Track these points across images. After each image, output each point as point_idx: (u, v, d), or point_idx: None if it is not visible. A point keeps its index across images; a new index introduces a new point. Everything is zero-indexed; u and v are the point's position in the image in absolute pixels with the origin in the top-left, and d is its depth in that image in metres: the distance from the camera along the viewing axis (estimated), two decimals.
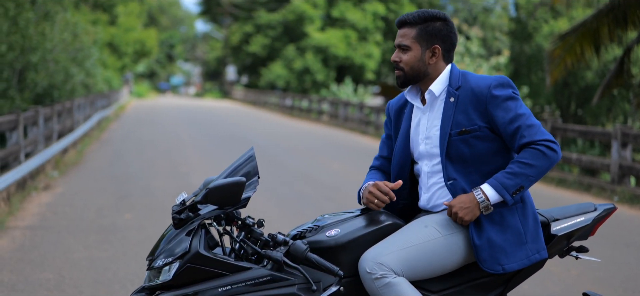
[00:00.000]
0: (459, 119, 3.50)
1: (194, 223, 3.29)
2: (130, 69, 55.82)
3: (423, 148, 3.61)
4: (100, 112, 28.88)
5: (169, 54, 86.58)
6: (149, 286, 3.29)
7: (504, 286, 3.58)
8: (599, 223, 3.77)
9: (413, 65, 3.56)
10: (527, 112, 3.44)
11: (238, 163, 3.47)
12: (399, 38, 3.59)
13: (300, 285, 3.31)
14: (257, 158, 3.64)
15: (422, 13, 3.55)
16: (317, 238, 3.42)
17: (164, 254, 3.26)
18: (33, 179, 12.36)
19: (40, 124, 14.59)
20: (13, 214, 9.72)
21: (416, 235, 3.45)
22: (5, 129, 12.17)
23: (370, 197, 3.55)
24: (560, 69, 17.44)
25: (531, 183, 3.39)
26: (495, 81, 3.48)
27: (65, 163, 15.47)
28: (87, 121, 23.57)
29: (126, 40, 48.17)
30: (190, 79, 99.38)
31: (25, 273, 6.93)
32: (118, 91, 45.71)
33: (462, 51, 30.03)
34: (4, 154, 11.66)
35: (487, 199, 3.41)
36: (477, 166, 3.52)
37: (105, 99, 34.11)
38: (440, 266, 3.46)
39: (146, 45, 51.76)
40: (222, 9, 66.15)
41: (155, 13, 79.62)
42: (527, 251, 3.50)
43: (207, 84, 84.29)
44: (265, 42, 53.42)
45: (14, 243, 8.16)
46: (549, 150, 3.38)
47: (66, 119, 19.49)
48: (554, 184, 13.55)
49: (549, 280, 6.80)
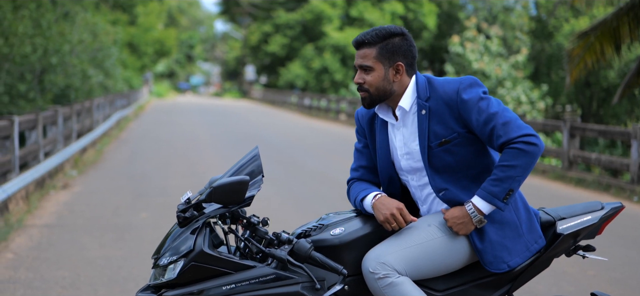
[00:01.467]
0: (436, 130, 3.44)
1: (198, 222, 3.29)
2: (149, 69, 56.07)
3: (405, 163, 3.55)
4: (120, 112, 29.03)
5: (188, 54, 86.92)
6: (154, 284, 3.30)
7: (510, 284, 3.56)
8: (607, 221, 3.72)
9: (378, 85, 3.47)
10: (500, 109, 3.36)
11: (243, 162, 3.47)
12: (359, 59, 3.49)
13: (304, 284, 3.30)
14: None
15: (379, 31, 3.45)
16: (321, 236, 3.41)
17: (169, 252, 3.27)
18: (52, 178, 12.44)
19: (59, 124, 14.68)
20: (31, 213, 9.78)
21: (419, 235, 3.43)
22: (25, 128, 12.26)
23: (390, 219, 3.42)
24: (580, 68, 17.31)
25: (519, 182, 3.33)
26: (463, 84, 3.41)
27: (84, 162, 15.56)
28: (107, 120, 23.71)
29: (146, 40, 48.38)
30: (209, 79, 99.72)
31: (41, 271, 6.97)
32: (138, 90, 45.93)
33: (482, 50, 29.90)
34: (23, 153, 11.74)
35: (478, 212, 3.38)
36: (464, 171, 3.48)
37: (124, 98, 34.29)
38: (444, 265, 3.44)
39: (165, 45, 51.97)
40: (241, 9, 66.29)
41: (174, 13, 79.92)
42: (526, 242, 3.50)
43: (227, 83, 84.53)
44: (284, 42, 53.47)
45: (31, 241, 8.21)
46: (527, 145, 3.30)
47: (85, 119, 19.61)
48: (572, 184, 13.46)
49: (565, 281, 6.74)
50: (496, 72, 27.95)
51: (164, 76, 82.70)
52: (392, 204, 3.44)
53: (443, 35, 46.81)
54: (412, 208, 3.70)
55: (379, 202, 3.49)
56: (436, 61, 48.83)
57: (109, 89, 31.54)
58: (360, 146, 3.74)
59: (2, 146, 10.67)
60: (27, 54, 20.75)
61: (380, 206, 3.46)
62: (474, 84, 3.42)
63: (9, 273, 6.92)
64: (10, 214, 9.33)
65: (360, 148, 3.74)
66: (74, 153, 14.93)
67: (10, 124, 10.61)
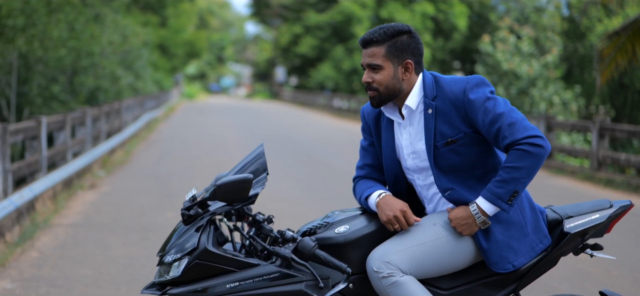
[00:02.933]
0: (442, 129, 3.41)
1: (203, 220, 3.29)
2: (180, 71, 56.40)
3: (411, 162, 3.53)
4: (150, 113, 29.23)
5: (219, 55, 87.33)
6: (159, 281, 3.31)
7: (516, 283, 3.53)
8: (615, 220, 3.67)
9: (387, 84, 3.42)
10: (507, 109, 3.32)
11: (248, 160, 3.47)
12: (367, 58, 3.44)
13: (308, 282, 3.30)
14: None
15: (387, 29, 3.41)
16: (326, 234, 3.40)
17: (173, 250, 3.29)
18: (79, 178, 12.55)
19: (87, 125, 14.81)
20: (58, 212, 9.88)
21: (424, 233, 3.41)
22: (53, 129, 12.39)
23: (393, 220, 3.41)
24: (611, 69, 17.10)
25: (524, 184, 3.29)
26: (470, 84, 3.38)
27: (112, 162, 15.68)
28: (136, 121, 23.88)
29: (176, 41, 48.69)
30: (240, 81, 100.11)
31: (65, 270, 7.04)
32: (168, 92, 46.23)
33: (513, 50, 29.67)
34: (51, 153, 11.86)
35: (482, 213, 3.35)
36: (470, 171, 3.45)
37: (154, 100, 34.50)
38: (449, 264, 3.42)
39: (195, 46, 52.25)
40: (271, 10, 66.45)
41: (205, 15, 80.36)
42: (531, 242, 3.47)
43: (257, 85, 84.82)
44: (314, 43, 53.50)
45: (57, 240, 8.29)
46: (533, 147, 3.26)
47: (114, 120, 19.77)
48: (601, 185, 13.31)
49: (588, 281, 6.67)
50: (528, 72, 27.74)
51: (195, 78, 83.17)
52: (396, 205, 3.42)
53: (474, 36, 46.57)
54: (419, 206, 3.67)
55: (383, 201, 3.47)
56: (467, 61, 48.62)
57: (138, 90, 31.80)
58: (366, 143, 3.70)
59: (30, 147, 10.79)
60: (62, 57, 21.02)
61: (384, 206, 3.44)
62: (481, 84, 3.39)
63: (33, 271, 7.00)
64: (36, 213, 9.43)
65: (366, 146, 3.70)
66: (102, 154, 15.05)
67: (38, 125, 10.73)
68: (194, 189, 3.42)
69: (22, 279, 6.72)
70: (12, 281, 6.67)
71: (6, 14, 19.46)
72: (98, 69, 24.53)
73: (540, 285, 6.40)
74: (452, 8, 48.89)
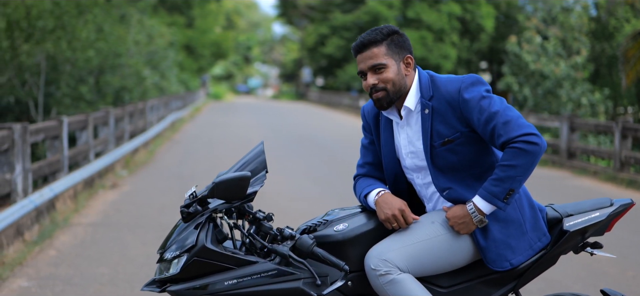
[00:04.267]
0: (439, 129, 3.41)
1: (202, 217, 3.32)
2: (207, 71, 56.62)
3: (410, 161, 3.53)
4: (175, 114, 29.38)
5: (246, 56, 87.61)
6: (159, 278, 3.34)
7: (515, 281, 3.52)
8: (616, 218, 3.65)
9: (395, 81, 3.41)
10: (502, 108, 3.31)
11: (248, 158, 3.50)
12: (367, 61, 3.41)
13: (305, 280, 3.31)
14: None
15: (381, 29, 3.41)
16: (325, 232, 3.42)
17: (173, 247, 3.32)
18: (101, 178, 12.66)
19: (110, 125, 14.93)
20: (78, 212, 9.98)
21: (422, 231, 3.41)
22: (76, 129, 12.50)
23: (391, 218, 3.41)
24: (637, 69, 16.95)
25: (520, 182, 3.28)
26: (465, 83, 3.38)
27: (135, 162, 15.80)
28: (161, 122, 24.02)
29: (203, 42, 48.91)
30: (267, 81, 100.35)
31: (82, 268, 7.12)
32: (194, 92, 46.42)
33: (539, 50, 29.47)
34: (73, 153, 11.97)
35: (479, 212, 3.35)
36: (468, 171, 3.45)
37: (180, 100, 34.65)
38: (447, 262, 3.42)
39: (222, 47, 52.43)
40: (297, 11, 66.53)
41: (232, 16, 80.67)
42: (529, 240, 3.46)
43: (284, 85, 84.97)
44: (340, 44, 53.48)
45: (75, 239, 8.38)
46: (528, 144, 3.24)
47: (138, 120, 19.90)
48: (624, 186, 13.20)
49: (603, 281, 6.62)
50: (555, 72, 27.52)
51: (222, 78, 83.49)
52: (394, 204, 3.43)
53: (501, 36, 46.31)
54: (419, 205, 3.68)
55: (381, 199, 3.47)
56: (494, 62, 48.37)
57: (164, 90, 31.99)
58: (367, 142, 3.72)
59: (52, 146, 10.90)
60: (90, 57, 21.24)
61: (383, 204, 3.45)
62: (476, 83, 3.39)
63: (50, 269, 7.08)
64: (57, 212, 9.53)
65: (367, 144, 3.72)
66: (125, 154, 15.17)
67: (59, 125, 10.83)
68: (194, 186, 3.45)
69: (39, 277, 6.81)
70: (28, 279, 6.75)
71: (36, 15, 19.70)
72: (124, 69, 24.77)
73: (553, 284, 6.37)
74: (479, 8, 48.65)
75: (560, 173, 15.16)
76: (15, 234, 7.98)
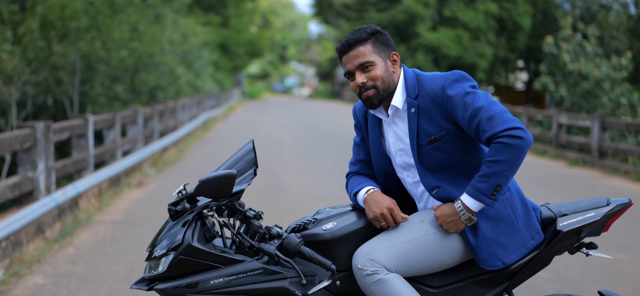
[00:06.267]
0: (425, 127, 3.37)
1: (189, 215, 3.31)
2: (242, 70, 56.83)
3: (399, 159, 3.50)
4: (208, 113, 29.51)
5: (282, 55, 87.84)
6: (148, 276, 3.34)
7: (508, 282, 3.46)
8: (613, 218, 3.57)
9: (384, 77, 3.39)
10: (486, 103, 3.25)
11: (236, 156, 3.49)
12: (354, 60, 3.39)
13: (292, 279, 3.29)
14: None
15: (364, 28, 3.39)
16: (313, 231, 3.39)
17: (160, 245, 3.31)
18: (128, 176, 12.75)
19: (139, 124, 15.05)
20: (102, 210, 10.06)
21: (411, 230, 3.36)
22: (103, 127, 12.62)
23: (379, 217, 3.38)
24: None
25: (507, 178, 3.22)
26: (448, 79, 3.33)
27: (164, 161, 15.90)
28: (193, 120, 24.15)
29: (238, 41, 49.10)
30: (304, 80, 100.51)
31: (99, 265, 7.17)
32: (229, 91, 46.61)
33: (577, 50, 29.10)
34: (100, 151, 12.08)
35: (467, 210, 3.29)
36: (457, 168, 3.40)
37: (213, 99, 34.78)
38: (437, 262, 3.36)
39: (257, 45, 52.59)
40: (333, 10, 66.51)
41: (268, 15, 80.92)
42: (522, 238, 3.40)
43: (320, 85, 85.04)
44: None
45: (96, 237, 8.45)
46: (512, 139, 3.18)
47: (169, 119, 20.03)
48: None
49: (623, 282, 6.51)
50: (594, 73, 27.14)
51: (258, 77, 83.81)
52: (383, 202, 3.39)
53: (538, 34, 45.85)
54: (412, 203, 3.64)
55: (370, 198, 3.44)
56: (531, 60, 47.93)
57: (198, 89, 32.17)
58: (359, 139, 3.69)
59: (77, 145, 11.00)
60: (123, 57, 21.45)
61: (372, 203, 3.41)
62: (460, 79, 3.34)
63: (67, 266, 7.14)
64: (80, 210, 9.62)
65: (359, 142, 3.69)
66: (153, 153, 15.26)
67: (85, 123, 10.93)
68: (183, 184, 3.45)
69: (55, 275, 6.87)
70: (45, 276, 6.81)
71: (70, 15, 19.93)
72: (158, 67, 24.96)
73: (569, 284, 6.28)
74: (516, 6, 48.20)
75: (590, 172, 14.96)
76: (36, 231, 8.07)
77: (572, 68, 27.16)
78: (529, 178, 13.44)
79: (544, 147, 18.90)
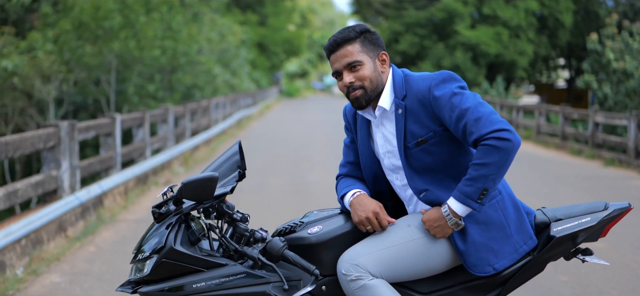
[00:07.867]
0: (412, 129, 3.27)
1: (173, 218, 3.27)
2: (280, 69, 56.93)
3: (387, 161, 3.41)
4: (243, 111, 29.59)
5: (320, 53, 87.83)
6: (134, 279, 3.30)
7: (500, 288, 3.35)
8: (611, 223, 3.43)
9: (372, 77, 3.30)
10: (473, 104, 3.14)
11: (222, 158, 3.44)
12: (342, 60, 3.29)
13: (274, 284, 3.23)
14: None
15: (353, 27, 3.31)
16: (299, 235, 3.33)
17: (144, 248, 3.27)
18: (155, 175, 12.80)
19: (169, 122, 15.11)
20: (126, 208, 10.10)
21: (397, 235, 3.27)
22: (132, 126, 12.68)
23: (365, 221, 3.29)
24: None
25: (495, 181, 3.11)
26: (435, 80, 3.23)
27: (194, 159, 15.95)
28: (227, 119, 24.21)
29: (275, 40, 49.17)
30: None
31: (116, 264, 7.18)
32: (265, 90, 46.69)
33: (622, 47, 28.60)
34: (128, 150, 12.14)
35: (454, 214, 3.18)
36: (446, 172, 3.29)
37: (249, 97, 34.85)
38: (424, 267, 3.27)
39: (294, 44, 52.64)
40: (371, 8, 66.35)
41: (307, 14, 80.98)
42: (514, 243, 3.29)
43: None
44: (414, 41, 53.05)
45: (117, 235, 8.48)
46: (499, 141, 3.07)
47: (202, 118, 20.09)
48: None
49: None
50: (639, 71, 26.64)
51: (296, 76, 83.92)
52: (369, 206, 3.30)
53: (580, 32, 45.22)
54: (402, 206, 3.55)
55: (356, 201, 3.35)
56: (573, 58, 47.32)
57: (235, 88, 32.28)
58: (348, 141, 3.62)
59: (105, 143, 11.07)
60: (157, 56, 21.57)
61: (357, 206, 3.33)
62: (447, 79, 3.24)
63: (85, 265, 7.17)
64: (104, 209, 9.67)
65: (348, 144, 3.61)
66: (183, 151, 15.32)
67: (112, 122, 10.99)
68: (167, 187, 3.41)
69: (72, 273, 6.89)
70: (61, 275, 6.85)
71: (103, 16, 20.12)
72: (195, 66, 25.06)
73: (589, 289, 6.13)
74: (557, 4, 47.60)
75: (626, 172, 14.67)
76: (58, 230, 8.12)
77: (617, 66, 26.70)
78: (560, 178, 13.22)
79: (580, 146, 18.60)
